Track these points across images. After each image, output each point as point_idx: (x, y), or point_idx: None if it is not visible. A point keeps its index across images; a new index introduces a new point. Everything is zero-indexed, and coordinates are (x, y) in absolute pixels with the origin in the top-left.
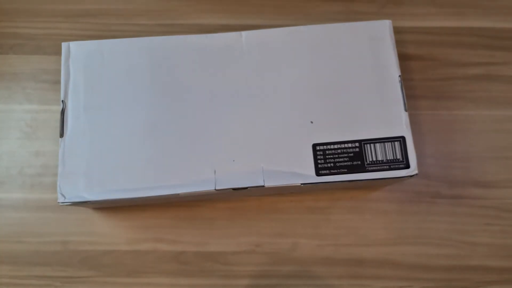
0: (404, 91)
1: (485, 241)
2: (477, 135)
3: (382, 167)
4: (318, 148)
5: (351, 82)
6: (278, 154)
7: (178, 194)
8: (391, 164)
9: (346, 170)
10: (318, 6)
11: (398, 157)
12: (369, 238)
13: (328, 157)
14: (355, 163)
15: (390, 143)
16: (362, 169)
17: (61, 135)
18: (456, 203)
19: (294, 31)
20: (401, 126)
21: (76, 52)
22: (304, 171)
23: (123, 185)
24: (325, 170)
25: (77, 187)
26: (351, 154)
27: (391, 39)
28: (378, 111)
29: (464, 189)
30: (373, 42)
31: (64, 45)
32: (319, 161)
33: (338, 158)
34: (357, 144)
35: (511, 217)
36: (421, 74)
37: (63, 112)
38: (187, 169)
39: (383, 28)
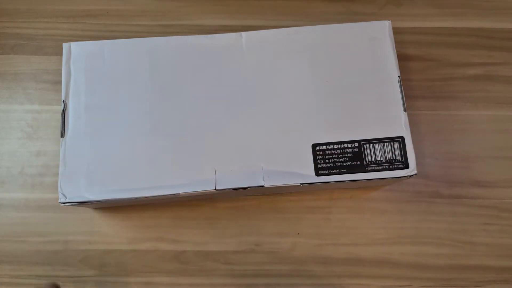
0: (403, 91)
1: (484, 241)
2: (476, 135)
3: (381, 167)
4: (317, 148)
5: (351, 83)
6: (278, 154)
7: (179, 194)
8: (390, 164)
9: (345, 170)
10: (318, 6)
11: (397, 157)
12: (368, 238)
13: (327, 157)
14: (354, 163)
15: (389, 143)
16: (361, 169)
17: (62, 135)
18: (455, 203)
19: (294, 31)
20: (400, 126)
21: (77, 53)
22: (303, 171)
23: (124, 185)
24: (324, 170)
25: (78, 187)
26: (351, 154)
27: (391, 39)
28: (377, 112)
29: (463, 189)
30: (372, 43)
31: (65, 45)
32: (318, 161)
33: (337, 158)
34: (356, 144)
35: (510, 217)
36: (420, 75)
37: (64, 112)
38: (187, 169)
39: (382, 29)
